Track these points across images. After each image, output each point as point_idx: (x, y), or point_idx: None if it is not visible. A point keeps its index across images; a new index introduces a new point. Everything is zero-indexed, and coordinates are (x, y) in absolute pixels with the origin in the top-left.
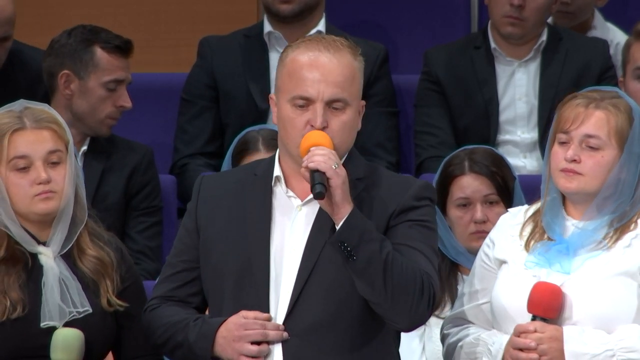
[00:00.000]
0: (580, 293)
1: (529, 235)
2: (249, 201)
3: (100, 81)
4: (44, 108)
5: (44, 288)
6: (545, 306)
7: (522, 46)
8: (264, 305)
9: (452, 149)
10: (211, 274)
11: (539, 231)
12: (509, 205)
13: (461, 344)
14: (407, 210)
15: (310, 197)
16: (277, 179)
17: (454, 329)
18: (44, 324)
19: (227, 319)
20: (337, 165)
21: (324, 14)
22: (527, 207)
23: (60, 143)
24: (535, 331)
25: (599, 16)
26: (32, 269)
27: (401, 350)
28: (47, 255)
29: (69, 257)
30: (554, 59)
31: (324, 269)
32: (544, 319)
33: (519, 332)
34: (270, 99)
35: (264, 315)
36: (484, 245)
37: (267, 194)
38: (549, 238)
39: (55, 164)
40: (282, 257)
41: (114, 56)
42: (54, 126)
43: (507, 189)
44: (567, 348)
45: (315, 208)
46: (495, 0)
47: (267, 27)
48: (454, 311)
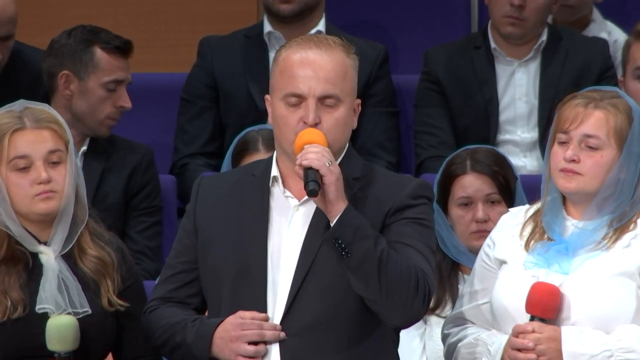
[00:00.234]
0: (579, 293)
1: (529, 235)
2: (246, 202)
3: (100, 81)
4: (44, 108)
5: (42, 280)
6: (544, 306)
7: (522, 46)
8: (261, 305)
9: (452, 149)
10: (209, 274)
11: (539, 231)
12: (510, 205)
13: (461, 344)
14: (403, 208)
15: (307, 197)
16: (275, 179)
17: (454, 329)
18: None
19: (224, 319)
20: (330, 162)
21: (324, 14)
22: (527, 207)
23: (61, 143)
24: (534, 331)
25: (597, 12)
26: (33, 268)
27: (402, 349)
28: (48, 255)
29: (70, 257)
30: (554, 59)
31: (321, 269)
32: (542, 319)
33: (517, 332)
34: (265, 100)
35: (261, 315)
36: (485, 245)
37: (265, 194)
38: (549, 238)
39: (55, 164)
40: (280, 257)
41: (113, 56)
42: (54, 126)
43: (508, 189)
44: (565, 348)
45: (312, 208)
46: (495, 0)
47: (267, 27)
48: (455, 311)
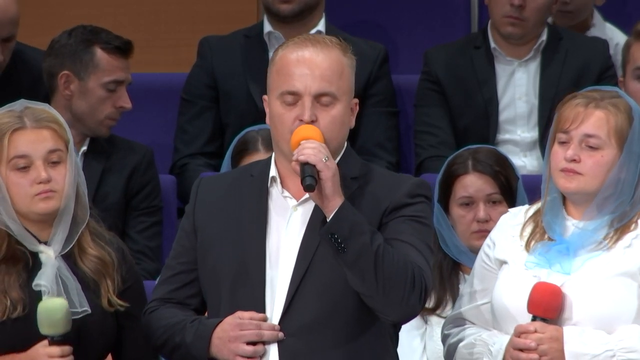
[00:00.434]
0: (581, 293)
1: (530, 235)
2: (245, 202)
3: (100, 82)
4: (45, 108)
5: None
6: (545, 306)
7: (522, 46)
8: (259, 305)
9: (452, 148)
10: (208, 275)
11: (540, 231)
12: (512, 205)
13: (462, 345)
14: (400, 207)
15: (306, 197)
16: (273, 179)
17: (454, 330)
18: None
19: (223, 319)
20: (327, 158)
21: (324, 14)
22: (527, 207)
23: (61, 142)
24: (536, 331)
25: (598, 15)
26: (33, 268)
27: (402, 349)
28: (48, 255)
29: (70, 256)
30: (554, 59)
31: (319, 269)
32: (544, 319)
33: (519, 332)
34: (263, 100)
35: (260, 315)
36: (485, 246)
37: (263, 194)
38: (549, 238)
39: (55, 164)
40: (278, 257)
41: (114, 57)
42: (54, 125)
43: (510, 189)
44: (567, 348)
45: (310, 208)
46: (495, 0)
47: (267, 27)
48: (455, 311)
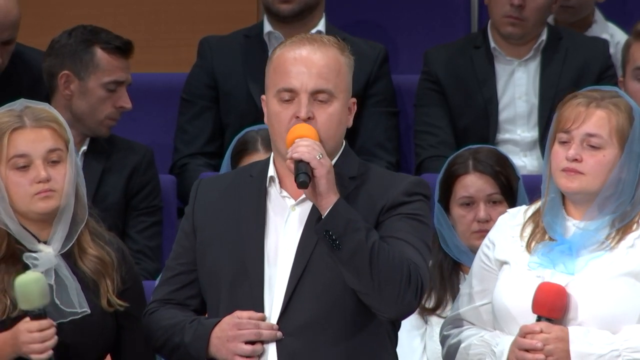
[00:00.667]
0: (585, 293)
1: (530, 236)
2: (244, 202)
3: (100, 82)
4: (45, 107)
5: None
6: (550, 306)
7: (522, 46)
8: (258, 305)
9: (452, 148)
10: (207, 275)
11: (540, 232)
12: (512, 205)
13: (464, 345)
14: (396, 205)
15: (304, 196)
16: (271, 179)
17: (454, 330)
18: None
19: (221, 319)
20: (321, 155)
21: (324, 14)
22: (525, 207)
23: (61, 142)
24: (541, 332)
25: (599, 13)
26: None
27: (402, 349)
28: (48, 254)
29: (70, 256)
30: (554, 58)
31: (317, 268)
32: (548, 320)
33: (524, 332)
34: (262, 100)
35: (258, 315)
36: (483, 247)
37: (262, 194)
38: (550, 238)
39: (55, 163)
40: (276, 257)
41: (114, 57)
42: (54, 125)
43: (510, 189)
44: (573, 348)
45: (308, 207)
46: (495, 0)
47: (267, 27)
48: (453, 312)
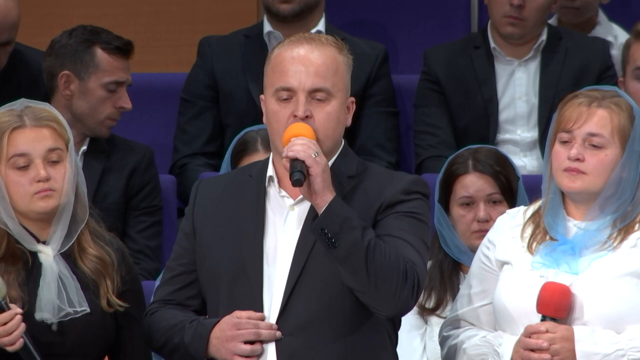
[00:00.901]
0: (589, 293)
1: (531, 236)
2: (243, 202)
3: (101, 82)
4: (45, 107)
5: (40, 282)
6: (555, 306)
7: (521, 46)
8: (257, 304)
9: (452, 148)
10: (207, 275)
11: (541, 232)
12: (512, 205)
13: (465, 346)
14: (394, 204)
15: (302, 196)
16: (270, 179)
17: (455, 331)
18: (38, 315)
19: (221, 319)
20: (317, 153)
21: (323, 14)
22: (525, 208)
23: (60, 141)
24: (547, 331)
25: (603, 14)
26: (32, 267)
27: (402, 349)
28: (47, 254)
29: (70, 256)
30: (554, 59)
31: (315, 267)
32: (553, 319)
33: (529, 332)
34: (260, 100)
35: (257, 314)
36: (483, 247)
37: (261, 194)
38: (551, 238)
39: (55, 163)
40: (275, 256)
41: (114, 57)
42: (54, 124)
43: (510, 189)
44: (578, 348)
45: (307, 207)
46: (495, 0)
47: (267, 27)
48: (452, 314)
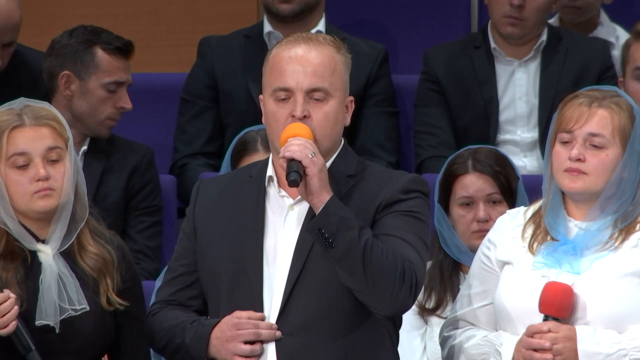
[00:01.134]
0: (591, 293)
1: (531, 236)
2: (243, 202)
3: (101, 82)
4: (44, 106)
5: (41, 286)
6: (558, 306)
7: (522, 46)
8: (257, 304)
9: (452, 149)
10: (208, 275)
11: (542, 232)
12: (512, 205)
13: (466, 346)
14: (393, 203)
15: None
16: (270, 179)
17: (455, 331)
18: (38, 322)
19: (221, 320)
20: (313, 154)
21: (323, 14)
22: (525, 208)
23: (60, 140)
24: (549, 331)
25: (605, 14)
26: (31, 266)
27: (402, 349)
28: (46, 253)
29: (70, 254)
30: (554, 59)
31: (314, 267)
32: (556, 319)
33: (532, 332)
34: (259, 100)
35: (257, 314)
36: (483, 247)
37: (261, 194)
38: (552, 239)
39: (54, 162)
40: (275, 256)
41: (114, 57)
42: (54, 123)
43: (510, 189)
44: (580, 347)
45: (306, 207)
46: (495, 0)
47: (267, 27)
48: (453, 314)
